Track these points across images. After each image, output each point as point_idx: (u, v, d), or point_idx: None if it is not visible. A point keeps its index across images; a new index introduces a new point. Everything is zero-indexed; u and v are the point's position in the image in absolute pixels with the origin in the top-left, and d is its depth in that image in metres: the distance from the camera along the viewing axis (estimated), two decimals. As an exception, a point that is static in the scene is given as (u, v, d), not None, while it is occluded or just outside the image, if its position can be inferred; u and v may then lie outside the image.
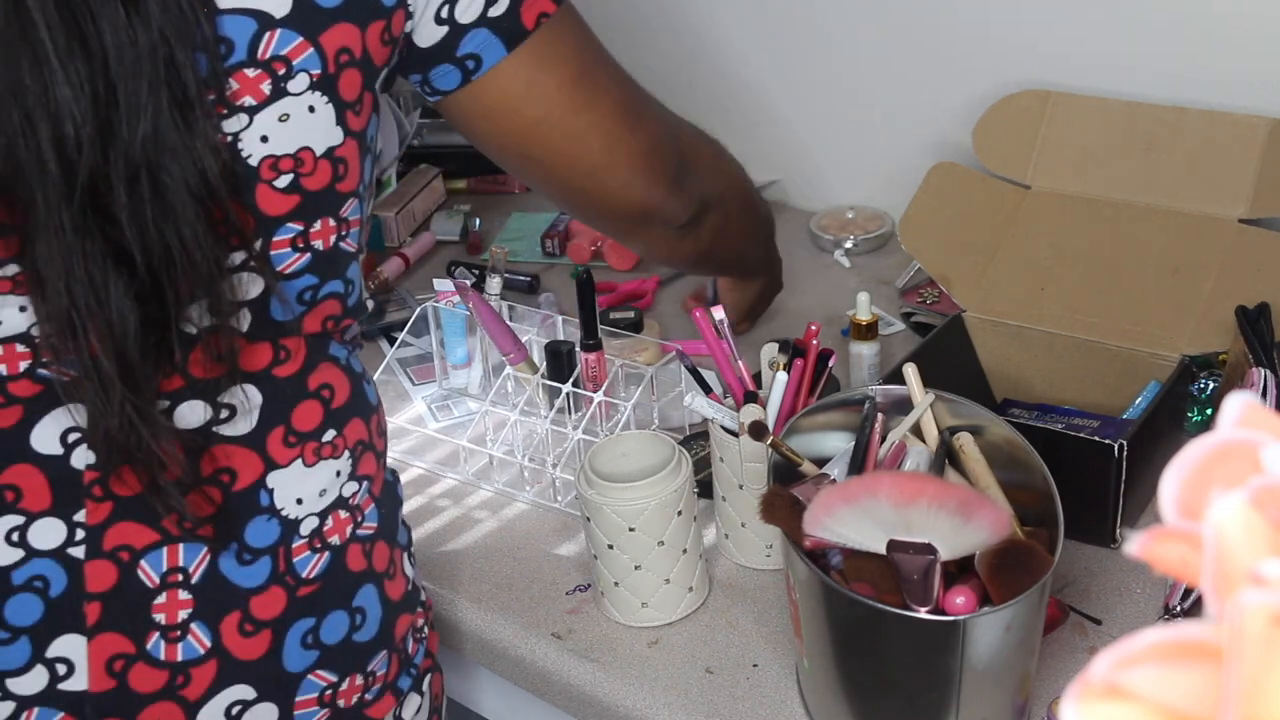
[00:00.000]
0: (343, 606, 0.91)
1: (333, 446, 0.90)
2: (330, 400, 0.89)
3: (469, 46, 0.87)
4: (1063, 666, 1.05)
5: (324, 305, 0.87)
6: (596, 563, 1.13)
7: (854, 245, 1.70)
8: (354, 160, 0.84)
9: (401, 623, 0.95)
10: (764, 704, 1.05)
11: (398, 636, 0.95)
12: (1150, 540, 0.32)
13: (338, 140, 0.83)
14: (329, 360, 0.89)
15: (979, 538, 0.88)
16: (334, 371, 0.90)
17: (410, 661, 0.97)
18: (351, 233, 0.87)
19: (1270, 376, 1.13)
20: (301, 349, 0.87)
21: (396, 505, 0.98)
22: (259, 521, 0.87)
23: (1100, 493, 1.13)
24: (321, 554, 0.89)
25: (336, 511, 0.90)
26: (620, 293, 1.65)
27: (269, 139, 0.80)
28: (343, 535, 0.91)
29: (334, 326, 0.89)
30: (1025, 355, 1.35)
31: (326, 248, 0.85)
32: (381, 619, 0.93)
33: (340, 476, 0.90)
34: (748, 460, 1.14)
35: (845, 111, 1.76)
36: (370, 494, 0.93)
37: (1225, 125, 1.38)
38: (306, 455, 0.88)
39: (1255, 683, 0.28)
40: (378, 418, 0.95)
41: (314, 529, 0.89)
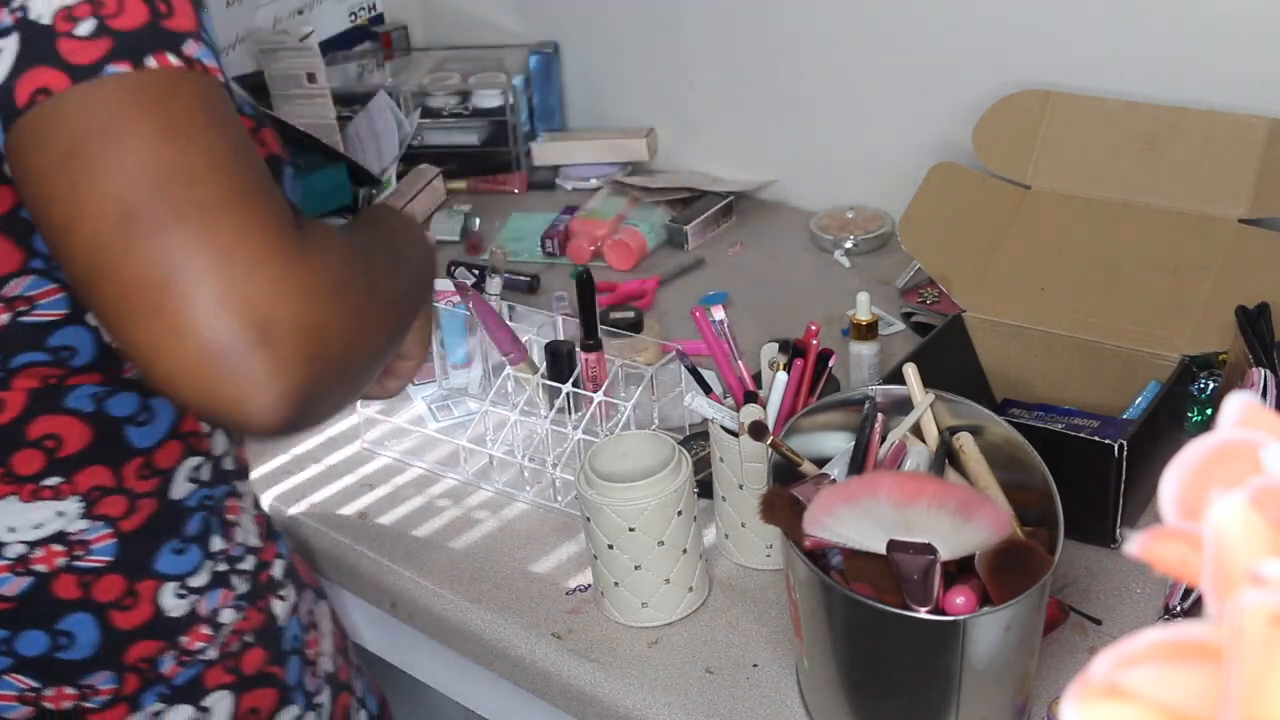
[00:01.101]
0: (41, 627, 0.92)
1: (55, 491, 0.89)
2: (55, 450, 0.88)
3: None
4: (1063, 666, 1.05)
5: (28, 371, 0.85)
6: (596, 563, 1.13)
7: (854, 245, 1.70)
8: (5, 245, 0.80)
9: (137, 649, 0.95)
10: (764, 704, 1.05)
11: (128, 660, 0.95)
12: (1150, 540, 0.32)
13: None
14: (59, 411, 0.87)
15: (979, 538, 0.88)
16: (65, 421, 0.88)
17: (165, 680, 0.96)
18: (41, 304, 0.83)
19: (1270, 376, 1.13)
20: (19, 401, 0.86)
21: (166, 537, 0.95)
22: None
23: (1100, 493, 1.13)
24: (23, 578, 0.91)
25: (50, 544, 0.91)
26: (620, 293, 1.65)
27: None
28: (51, 565, 0.91)
29: (59, 383, 0.86)
30: (1025, 355, 1.35)
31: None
32: (99, 643, 0.94)
33: (65, 516, 0.90)
34: (748, 460, 1.14)
35: (845, 111, 1.76)
36: (113, 529, 0.92)
37: (1225, 125, 1.38)
38: (23, 494, 0.89)
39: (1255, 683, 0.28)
40: (143, 460, 0.91)
41: (20, 554, 0.90)
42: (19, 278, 0.82)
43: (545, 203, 1.90)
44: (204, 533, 0.97)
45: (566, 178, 1.94)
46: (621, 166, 1.93)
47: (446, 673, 1.32)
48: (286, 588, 1.05)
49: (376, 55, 2.04)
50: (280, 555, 1.05)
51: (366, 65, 2.02)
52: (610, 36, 1.96)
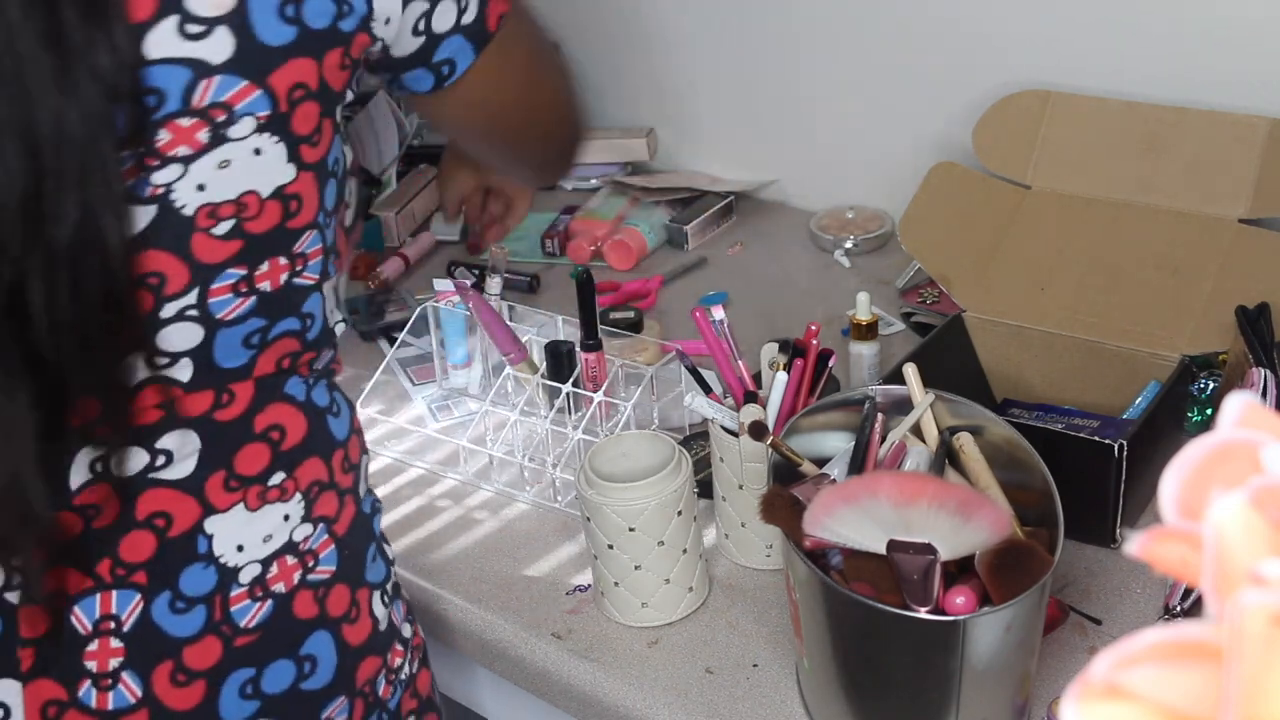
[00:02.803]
0: (287, 655, 0.88)
1: (281, 490, 0.87)
2: (280, 442, 0.86)
3: (444, 53, 0.88)
4: (1063, 666, 1.05)
5: (277, 345, 0.84)
6: (596, 563, 1.13)
7: (854, 245, 1.70)
8: (310, 193, 0.82)
9: (365, 667, 0.92)
10: (764, 704, 1.05)
11: (360, 681, 0.91)
12: (1150, 540, 0.32)
13: (289, 177, 0.80)
14: (281, 400, 0.86)
15: (979, 538, 0.88)
16: (286, 411, 0.87)
17: (382, 705, 0.94)
18: (310, 265, 0.84)
19: (1270, 376, 1.13)
20: (248, 391, 0.84)
21: (366, 541, 0.94)
22: (195, 569, 0.84)
23: (1100, 493, 1.13)
24: (263, 603, 0.86)
25: (283, 558, 0.87)
26: (622, 293, 1.65)
27: (206, 187, 0.77)
28: (289, 583, 0.87)
29: (291, 364, 0.86)
30: (1025, 355, 1.35)
31: (275, 288, 0.82)
32: (337, 665, 0.90)
33: (289, 520, 0.87)
34: (748, 460, 1.14)
35: (845, 111, 1.76)
36: (330, 535, 0.90)
37: (1225, 125, 1.38)
38: (250, 500, 0.85)
39: (1255, 683, 0.28)
40: (343, 452, 0.91)
41: (255, 576, 0.86)
42: (308, 231, 0.83)
43: (545, 203, 1.90)
44: (382, 539, 0.96)
45: (566, 178, 1.94)
46: (621, 166, 1.93)
47: (447, 673, 1.32)
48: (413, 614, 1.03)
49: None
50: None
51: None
52: (610, 36, 1.96)
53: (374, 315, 1.64)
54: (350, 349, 1.59)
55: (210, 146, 0.76)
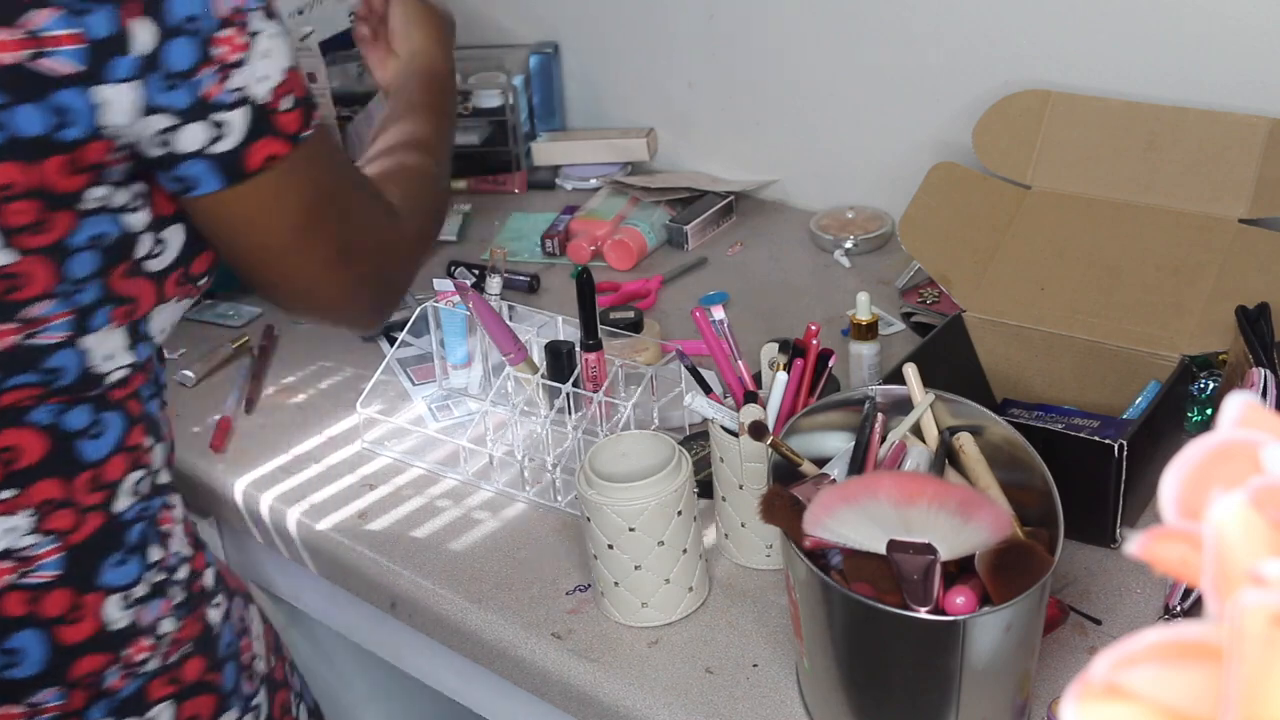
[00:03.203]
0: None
1: (9, 505, 0.91)
2: (12, 462, 0.90)
3: (185, 171, 0.88)
4: (1063, 666, 1.05)
5: (11, 393, 0.88)
6: (596, 563, 1.13)
7: (854, 245, 1.70)
8: (39, 271, 0.85)
9: (83, 663, 0.96)
10: (764, 704, 1.05)
11: (74, 675, 0.95)
12: (1150, 540, 0.32)
13: (7, 260, 0.84)
14: (21, 425, 0.90)
15: (979, 538, 0.88)
16: (25, 435, 0.90)
17: (110, 694, 0.97)
18: (51, 327, 0.87)
19: (1270, 376, 1.13)
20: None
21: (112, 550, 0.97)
22: None
23: (1100, 493, 1.13)
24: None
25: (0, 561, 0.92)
26: (622, 293, 1.65)
27: None
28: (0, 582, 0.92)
29: (33, 403, 0.90)
30: (1025, 355, 1.35)
31: (4, 349, 0.87)
32: (47, 659, 0.94)
33: (14, 532, 0.92)
34: (748, 460, 1.14)
35: (845, 111, 1.76)
36: (61, 543, 0.93)
37: (1225, 125, 1.38)
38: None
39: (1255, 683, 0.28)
40: (94, 472, 0.94)
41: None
42: (44, 301, 0.87)
43: (545, 203, 1.90)
44: (142, 543, 0.98)
45: (566, 178, 1.94)
46: (621, 166, 1.93)
47: (446, 673, 1.32)
48: (218, 595, 1.05)
49: (376, 55, 2.04)
50: (209, 563, 1.06)
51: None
52: (610, 36, 1.96)
53: (374, 315, 1.64)
54: (350, 349, 1.59)
55: None
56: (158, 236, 0.92)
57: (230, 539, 1.50)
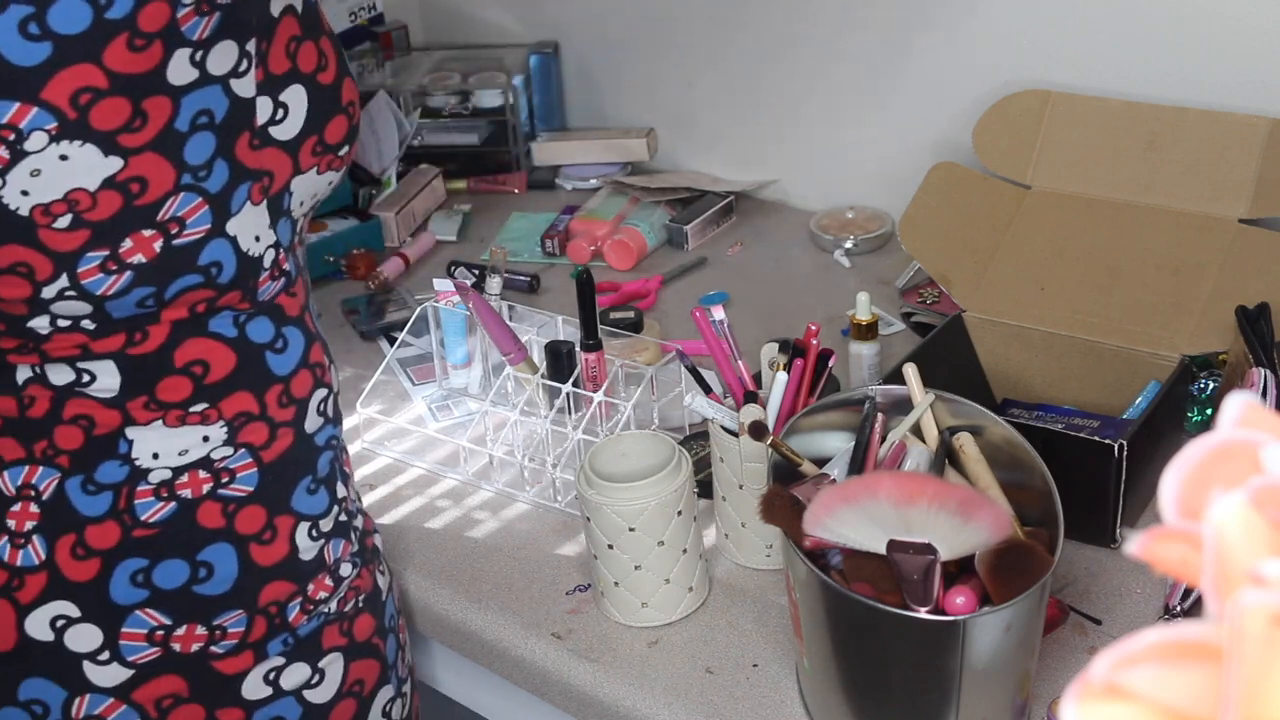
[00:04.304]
0: (183, 556, 0.93)
1: (202, 416, 0.91)
2: (203, 376, 0.90)
3: None
4: (1063, 666, 1.05)
5: (180, 300, 0.87)
6: (596, 563, 1.13)
7: (854, 245, 1.70)
8: (157, 168, 0.83)
9: (270, 589, 0.96)
10: (764, 704, 1.05)
11: (261, 600, 0.95)
12: (1150, 540, 0.32)
13: (115, 168, 0.82)
14: (205, 336, 0.89)
15: (979, 538, 0.88)
16: (210, 346, 0.90)
17: (289, 628, 0.97)
18: (190, 222, 0.85)
19: (1270, 376, 1.13)
20: (163, 331, 0.88)
21: (303, 473, 0.97)
22: (111, 464, 0.91)
23: (1100, 493, 1.13)
24: (167, 503, 0.92)
25: (195, 470, 0.92)
26: (622, 293, 1.65)
27: (30, 192, 0.81)
28: (196, 491, 0.92)
29: (209, 307, 0.89)
30: (1025, 355, 1.35)
31: (151, 257, 0.84)
32: (237, 578, 0.94)
33: (209, 441, 0.92)
34: (748, 460, 1.14)
35: (845, 111, 1.76)
36: (255, 459, 0.94)
37: (1225, 125, 1.38)
38: (169, 419, 0.90)
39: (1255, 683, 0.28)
40: (283, 387, 0.94)
41: (164, 480, 0.91)
42: (172, 197, 0.84)
43: (545, 203, 1.90)
44: (331, 476, 0.99)
45: (566, 178, 1.94)
46: (621, 166, 1.93)
47: (447, 673, 1.32)
48: (384, 564, 1.06)
49: (376, 55, 2.04)
50: (375, 529, 1.07)
51: (366, 65, 2.02)
52: (610, 36, 1.96)
53: (374, 315, 1.64)
54: (350, 349, 1.59)
55: (15, 160, 0.80)
56: (277, 99, 0.89)
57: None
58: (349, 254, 1.74)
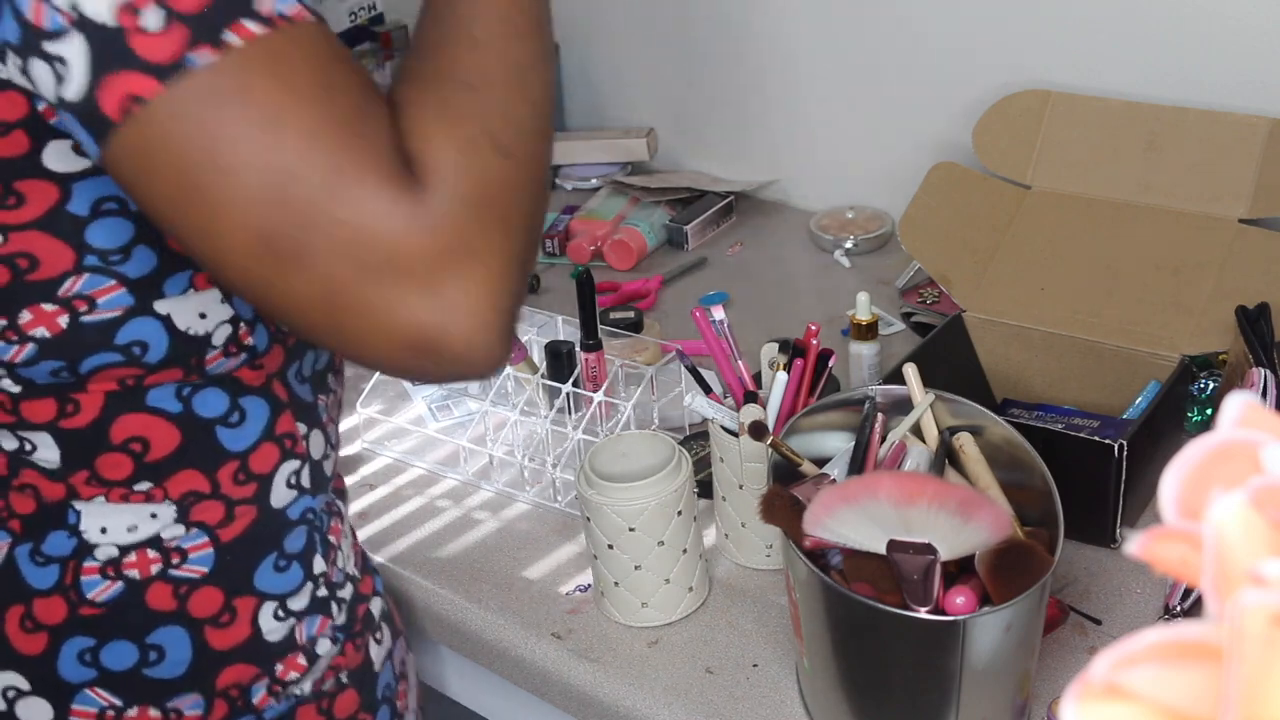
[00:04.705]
0: (131, 638, 0.87)
1: (147, 495, 0.84)
2: (143, 454, 0.83)
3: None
4: (1063, 666, 1.05)
5: (102, 374, 0.79)
6: (596, 563, 1.13)
7: (854, 245, 1.70)
8: (46, 247, 0.75)
9: (230, 672, 0.89)
10: (764, 704, 1.05)
11: (220, 684, 0.89)
12: (1150, 540, 0.32)
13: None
14: (143, 411, 0.82)
15: (979, 538, 0.88)
16: (150, 422, 0.82)
17: (255, 712, 0.91)
18: (102, 303, 0.77)
19: (1270, 376, 1.13)
20: (96, 402, 0.81)
21: (266, 551, 0.89)
22: (60, 534, 0.85)
23: (1100, 493, 1.13)
24: (113, 582, 0.86)
25: (144, 549, 0.86)
26: (623, 293, 1.65)
27: None
28: (144, 571, 0.86)
29: (137, 383, 0.80)
30: (1025, 355, 1.35)
31: (57, 332, 0.77)
32: (191, 662, 0.88)
33: (158, 519, 0.85)
34: (748, 460, 1.14)
35: (845, 111, 1.76)
36: (210, 538, 0.87)
37: (1225, 125, 1.38)
38: (111, 496, 0.84)
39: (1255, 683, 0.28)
40: (239, 463, 0.86)
41: (110, 558, 0.86)
42: (74, 276, 0.76)
43: (545, 203, 1.89)
44: (306, 550, 0.91)
45: (566, 178, 1.94)
46: (621, 166, 1.93)
47: (447, 673, 1.32)
48: (382, 630, 0.99)
49: (376, 55, 2.04)
50: (378, 592, 0.99)
51: (366, 65, 2.02)
52: (610, 36, 1.96)
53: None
54: (350, 349, 1.59)
55: None
56: None
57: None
58: (349, 254, 1.74)
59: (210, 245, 0.66)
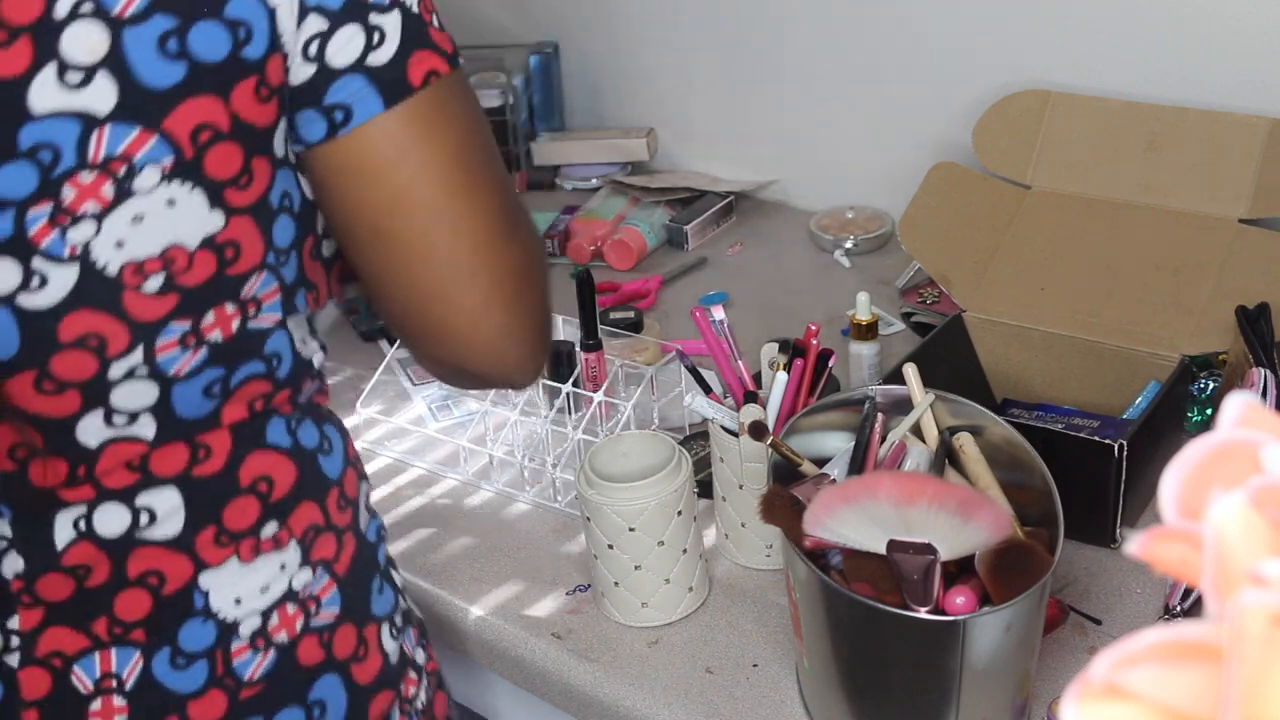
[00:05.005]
0: (296, 703, 0.85)
1: (275, 541, 0.83)
2: (269, 494, 0.83)
3: (339, 95, 0.75)
4: (1063, 666, 1.05)
5: (243, 390, 0.80)
6: (596, 563, 1.13)
7: (854, 245, 1.70)
8: (250, 237, 0.76)
9: (378, 702, 0.89)
10: (764, 704, 1.05)
11: (373, 717, 0.89)
12: (1150, 540, 0.32)
13: (217, 226, 0.74)
14: (264, 449, 0.82)
15: (979, 538, 0.88)
16: (272, 459, 0.83)
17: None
18: (265, 307, 0.79)
19: (1270, 376, 1.13)
20: (225, 443, 0.81)
21: (370, 574, 0.90)
22: (193, 624, 0.82)
23: (1100, 493, 1.13)
24: (266, 653, 0.84)
25: (283, 606, 0.84)
26: (623, 293, 1.65)
27: (124, 244, 0.72)
28: (292, 631, 0.85)
29: (265, 406, 0.82)
30: (1025, 355, 1.35)
31: (228, 336, 0.77)
32: (348, 705, 0.87)
33: (287, 569, 0.84)
34: (748, 460, 1.14)
35: (845, 111, 1.76)
36: (331, 576, 0.87)
37: (1225, 125, 1.38)
38: (243, 553, 0.82)
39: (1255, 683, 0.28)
40: (338, 490, 0.87)
41: (256, 629, 0.84)
42: (257, 274, 0.77)
43: (545, 203, 1.90)
44: (387, 567, 0.93)
45: (566, 178, 1.94)
46: (621, 166, 1.93)
47: (446, 673, 1.32)
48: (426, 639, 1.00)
49: (376, 55, 2.04)
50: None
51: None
52: (610, 36, 1.96)
53: (374, 315, 1.64)
54: (350, 349, 1.59)
55: (118, 201, 0.72)
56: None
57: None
58: (349, 254, 1.74)
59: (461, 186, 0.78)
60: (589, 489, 1.09)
